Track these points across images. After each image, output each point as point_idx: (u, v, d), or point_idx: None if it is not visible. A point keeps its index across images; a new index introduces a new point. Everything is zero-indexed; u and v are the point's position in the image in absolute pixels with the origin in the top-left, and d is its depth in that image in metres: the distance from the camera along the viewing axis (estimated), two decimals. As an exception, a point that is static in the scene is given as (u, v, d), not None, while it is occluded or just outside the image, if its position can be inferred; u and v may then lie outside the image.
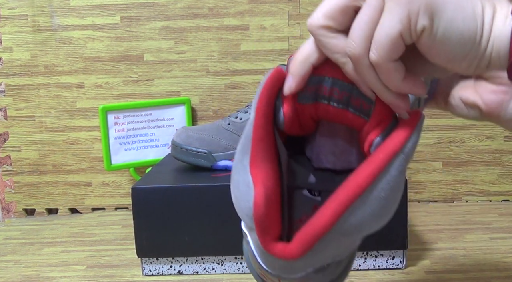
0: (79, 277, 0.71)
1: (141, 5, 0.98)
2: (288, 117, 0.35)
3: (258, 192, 0.32)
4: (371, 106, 0.33)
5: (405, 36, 0.29)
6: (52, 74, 1.00)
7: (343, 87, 0.33)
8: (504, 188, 1.00)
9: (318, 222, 0.31)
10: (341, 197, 0.31)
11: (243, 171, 0.34)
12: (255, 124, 0.34)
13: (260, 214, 0.32)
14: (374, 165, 0.31)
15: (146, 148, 0.98)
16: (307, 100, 0.35)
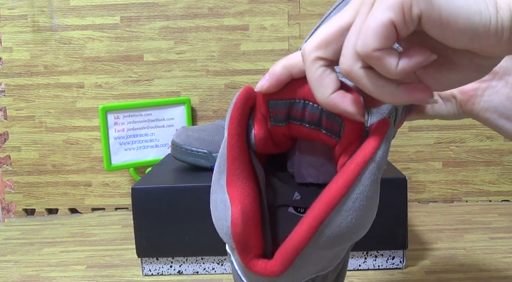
0: (79, 277, 0.71)
1: (141, 5, 0.98)
2: (259, 139, 0.35)
3: (235, 211, 0.32)
4: (340, 128, 0.33)
5: (399, 25, 0.26)
6: (52, 74, 1.00)
7: (314, 109, 0.33)
8: (504, 188, 1.00)
9: (295, 237, 0.31)
10: (315, 210, 0.31)
11: (220, 190, 0.34)
12: (229, 144, 0.34)
13: (239, 232, 0.32)
14: (346, 175, 0.31)
15: (146, 148, 0.98)
16: (279, 123, 0.35)
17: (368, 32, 0.26)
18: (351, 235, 0.31)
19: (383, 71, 0.28)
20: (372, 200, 0.32)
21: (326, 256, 0.33)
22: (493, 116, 0.42)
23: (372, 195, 0.31)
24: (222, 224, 0.33)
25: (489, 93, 0.42)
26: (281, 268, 0.31)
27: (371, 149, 0.31)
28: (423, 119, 0.48)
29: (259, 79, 0.99)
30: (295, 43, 0.98)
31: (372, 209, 0.32)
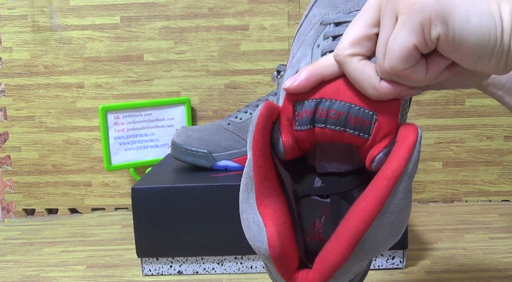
0: (79, 277, 0.71)
1: (141, 5, 0.98)
2: (288, 147, 0.35)
3: (270, 233, 0.32)
4: (371, 123, 0.33)
5: (421, 47, 0.30)
6: (52, 74, 1.00)
7: (340, 107, 0.33)
8: (504, 188, 1.00)
9: (334, 254, 0.31)
10: (352, 229, 0.31)
11: (251, 210, 0.34)
12: (255, 165, 0.34)
13: (277, 254, 0.32)
14: (379, 192, 0.30)
15: (146, 148, 0.98)
16: (304, 126, 0.34)
17: (394, 55, 0.30)
18: (386, 245, 0.32)
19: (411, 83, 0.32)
20: (406, 211, 0.32)
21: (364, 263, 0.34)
22: (500, 93, 0.44)
23: (405, 206, 0.32)
24: (259, 246, 0.33)
25: None
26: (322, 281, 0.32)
27: (402, 162, 0.30)
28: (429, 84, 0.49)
29: (260, 79, 0.99)
30: (295, 43, 0.98)
31: (405, 218, 0.32)
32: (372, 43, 0.33)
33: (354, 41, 0.32)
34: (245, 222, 0.35)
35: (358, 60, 0.32)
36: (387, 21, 0.31)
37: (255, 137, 0.34)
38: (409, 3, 0.30)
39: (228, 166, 0.75)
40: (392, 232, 0.32)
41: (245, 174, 0.35)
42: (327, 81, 0.34)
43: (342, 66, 0.33)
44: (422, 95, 0.98)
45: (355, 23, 0.33)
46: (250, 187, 0.34)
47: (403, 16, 0.30)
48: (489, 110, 0.98)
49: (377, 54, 0.32)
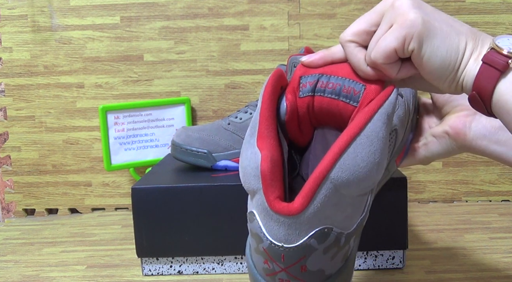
0: (79, 277, 0.71)
1: (141, 5, 0.98)
2: (290, 105, 0.42)
3: (265, 154, 0.37)
4: (360, 92, 0.40)
5: (399, 52, 0.39)
6: (52, 74, 1.00)
7: (337, 80, 0.41)
8: (504, 188, 1.00)
9: (315, 171, 0.35)
10: (333, 148, 0.36)
11: (250, 147, 0.39)
12: (262, 107, 0.39)
13: (266, 169, 0.36)
14: (359, 118, 0.37)
15: (146, 148, 0.98)
16: (306, 93, 0.42)
17: (379, 50, 0.39)
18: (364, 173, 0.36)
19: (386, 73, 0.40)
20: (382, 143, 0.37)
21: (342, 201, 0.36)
22: (484, 143, 0.51)
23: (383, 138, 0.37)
24: (251, 168, 0.37)
25: (476, 125, 0.51)
26: (302, 202, 0.35)
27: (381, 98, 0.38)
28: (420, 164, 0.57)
29: (260, 79, 0.99)
30: (295, 43, 0.98)
31: (383, 155, 0.37)
32: (369, 37, 0.41)
33: (356, 32, 0.41)
34: (243, 157, 0.39)
35: (354, 46, 0.41)
36: (384, 24, 0.40)
37: (266, 86, 0.40)
38: (403, 18, 0.38)
39: (228, 166, 0.75)
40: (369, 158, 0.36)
41: (252, 120, 0.40)
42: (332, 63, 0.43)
43: (343, 48, 0.42)
44: (423, 95, 0.98)
45: (362, 19, 0.41)
46: (253, 130, 0.39)
47: (395, 25, 0.38)
48: (489, 110, 0.98)
49: (369, 46, 0.40)
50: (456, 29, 0.39)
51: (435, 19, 0.38)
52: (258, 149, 0.38)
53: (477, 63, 0.38)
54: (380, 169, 0.38)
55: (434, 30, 0.38)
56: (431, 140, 0.54)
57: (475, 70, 0.38)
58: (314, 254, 0.36)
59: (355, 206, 0.38)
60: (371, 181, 0.37)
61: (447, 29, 0.38)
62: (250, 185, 0.37)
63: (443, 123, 0.54)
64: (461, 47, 0.38)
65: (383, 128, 0.37)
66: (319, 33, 0.98)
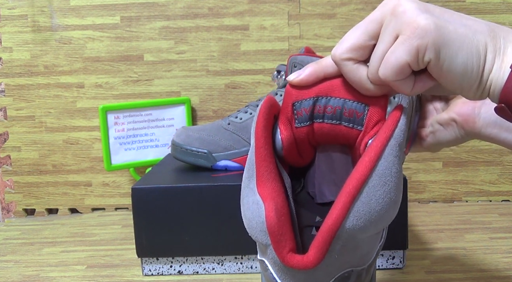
0: (79, 277, 0.71)
1: (141, 5, 0.98)
2: (286, 141, 0.38)
3: (268, 205, 0.33)
4: (363, 114, 0.36)
5: (413, 65, 0.34)
6: (52, 74, 1.00)
7: (336, 103, 0.37)
8: (504, 188, 1.00)
9: (328, 221, 0.32)
10: (347, 188, 0.32)
11: (251, 193, 0.35)
12: (256, 146, 0.36)
13: (273, 224, 0.33)
14: (370, 153, 0.33)
15: (146, 147, 0.98)
16: (304, 123, 0.38)
17: (388, 66, 0.34)
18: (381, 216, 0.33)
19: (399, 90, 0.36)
20: (397, 177, 0.34)
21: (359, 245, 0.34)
22: (495, 131, 0.47)
23: (396, 173, 0.34)
24: (256, 222, 0.34)
25: (485, 110, 0.47)
26: (317, 257, 0.32)
27: (389, 128, 0.34)
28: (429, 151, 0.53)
29: (260, 79, 0.99)
30: (295, 43, 0.98)
31: (398, 186, 0.34)
32: (367, 52, 0.36)
33: (352, 47, 0.36)
34: (245, 206, 0.36)
35: (352, 64, 0.36)
36: (387, 36, 0.35)
37: (258, 121, 0.36)
38: (412, 27, 0.33)
39: (228, 166, 0.75)
40: (385, 198, 0.33)
41: (248, 161, 0.37)
42: (323, 80, 0.37)
43: (338, 67, 0.37)
44: (422, 95, 0.98)
45: (357, 30, 0.36)
46: (251, 172, 0.36)
47: (404, 36, 0.34)
48: (489, 110, 0.98)
49: (371, 62, 0.36)
50: (472, 28, 0.34)
51: (448, 22, 0.34)
52: (260, 197, 0.34)
53: (504, 70, 0.34)
54: (397, 206, 0.34)
55: (449, 35, 0.33)
56: (438, 128, 0.51)
57: (503, 78, 0.34)
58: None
59: (373, 241, 0.36)
60: (388, 220, 0.34)
61: (463, 30, 0.34)
62: (258, 238, 0.34)
63: (449, 109, 0.50)
64: (482, 51, 0.34)
65: (396, 162, 0.34)
66: (319, 33, 0.98)
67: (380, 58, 0.35)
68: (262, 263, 0.36)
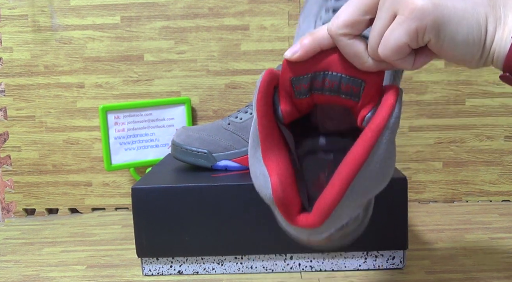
0: (79, 277, 0.71)
1: (141, 5, 0.98)
2: (286, 113, 0.40)
3: (274, 180, 0.38)
4: (360, 89, 0.38)
5: (412, 45, 0.34)
6: (52, 74, 1.00)
7: (333, 78, 0.38)
8: (504, 188, 1.00)
9: (329, 195, 0.36)
10: (343, 174, 0.36)
11: (258, 163, 0.39)
12: (259, 125, 0.39)
13: (279, 197, 0.37)
14: (366, 142, 0.36)
15: (146, 147, 0.98)
16: (303, 95, 0.40)
17: (388, 48, 0.35)
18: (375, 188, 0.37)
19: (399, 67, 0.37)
20: (390, 158, 0.37)
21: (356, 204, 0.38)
22: None
23: (389, 156, 0.37)
24: (264, 193, 0.39)
25: None
26: (319, 221, 0.37)
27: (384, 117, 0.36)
28: None
29: (259, 79, 0.99)
30: (295, 43, 0.98)
31: (391, 165, 0.38)
32: (363, 26, 0.36)
33: (347, 23, 0.36)
34: (253, 174, 0.40)
35: (348, 39, 0.36)
36: (384, 13, 0.35)
37: (258, 100, 0.39)
38: (409, 8, 0.33)
39: (228, 166, 0.75)
40: (378, 178, 0.37)
41: (252, 133, 0.40)
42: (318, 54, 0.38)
43: (335, 41, 0.37)
44: (422, 95, 0.98)
45: (351, 5, 0.36)
46: (256, 144, 0.39)
47: (402, 17, 0.33)
48: (489, 110, 0.98)
49: (371, 39, 0.36)
50: (471, 1, 0.34)
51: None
52: (266, 169, 0.38)
53: (506, 39, 0.34)
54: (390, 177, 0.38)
55: (448, 12, 0.33)
56: None
57: (505, 48, 0.34)
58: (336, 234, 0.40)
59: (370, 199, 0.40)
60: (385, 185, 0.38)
61: (462, 5, 0.33)
62: (268, 203, 0.39)
63: None
64: (482, 23, 0.34)
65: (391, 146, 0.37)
66: (319, 33, 0.98)
67: (379, 35, 0.35)
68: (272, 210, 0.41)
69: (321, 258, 0.69)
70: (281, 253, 0.69)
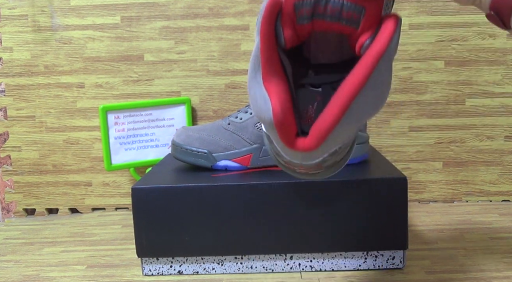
0: (79, 277, 0.71)
1: (141, 5, 0.98)
2: (289, 39, 0.41)
3: (275, 103, 0.38)
4: (360, 16, 0.40)
5: None
6: (52, 74, 1.00)
7: (335, 4, 0.40)
8: (504, 188, 1.00)
9: (327, 118, 0.37)
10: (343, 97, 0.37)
11: (258, 86, 0.40)
12: (262, 46, 0.40)
13: (280, 120, 0.38)
14: (365, 66, 0.37)
15: (146, 147, 0.98)
16: (305, 20, 0.41)
17: None
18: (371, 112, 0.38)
19: None
20: (386, 86, 0.39)
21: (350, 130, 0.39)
22: None
23: (386, 81, 0.38)
24: (264, 115, 0.39)
25: None
26: (316, 144, 0.38)
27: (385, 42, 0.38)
28: None
29: (259, 79, 0.99)
30: (295, 43, 0.98)
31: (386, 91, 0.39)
32: None
33: None
34: (253, 97, 0.41)
35: None
36: None
37: (263, 22, 0.40)
38: None
39: (228, 166, 0.75)
40: (375, 103, 0.38)
41: (253, 56, 0.40)
42: None
43: None
44: (422, 95, 0.98)
45: None
46: (257, 67, 0.40)
47: None
48: (489, 110, 0.98)
49: None
50: None
51: None
52: (266, 91, 0.39)
53: None
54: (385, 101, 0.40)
55: None
56: None
57: None
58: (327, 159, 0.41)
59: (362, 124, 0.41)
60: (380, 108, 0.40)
61: None
62: (266, 127, 0.40)
63: None
64: None
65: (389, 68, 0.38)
66: (319, 33, 0.98)
67: None
68: (268, 137, 0.43)
69: (321, 258, 0.69)
70: (281, 253, 0.69)
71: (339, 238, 0.68)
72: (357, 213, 0.67)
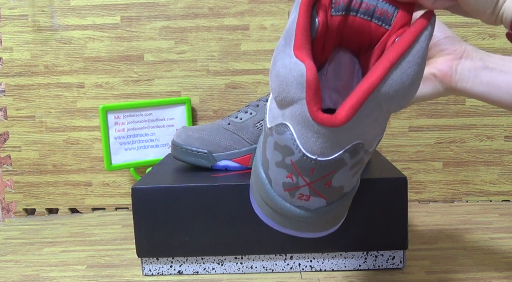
0: (79, 277, 0.71)
1: (141, 5, 0.98)
2: (322, 25, 0.41)
3: (309, 64, 0.36)
4: (393, 15, 0.41)
5: None
6: (52, 74, 1.00)
7: (371, 0, 0.41)
8: (504, 188, 1.00)
9: (363, 84, 0.36)
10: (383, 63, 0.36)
11: (287, 57, 0.38)
12: (300, 16, 0.39)
13: (312, 79, 0.36)
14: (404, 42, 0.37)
15: (146, 147, 0.98)
16: (339, 12, 0.41)
17: None
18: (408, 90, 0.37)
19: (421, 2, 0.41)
20: (423, 64, 0.38)
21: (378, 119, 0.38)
22: (469, 85, 0.53)
23: (424, 59, 0.38)
24: (293, 76, 0.36)
25: (461, 68, 0.54)
26: (346, 117, 0.35)
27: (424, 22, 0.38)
28: None
29: (260, 79, 0.99)
30: (295, 43, 0.98)
31: (421, 74, 0.38)
32: None
33: None
34: (279, 66, 0.38)
35: None
36: None
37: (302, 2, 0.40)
38: None
39: (228, 166, 0.75)
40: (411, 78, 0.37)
41: (286, 30, 0.39)
42: None
43: None
44: (422, 95, 0.98)
45: None
46: (288, 40, 0.39)
47: None
48: (489, 110, 0.98)
49: None
50: None
51: None
52: (298, 59, 0.37)
53: None
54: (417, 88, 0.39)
55: None
56: None
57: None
58: (343, 169, 0.38)
59: (382, 125, 0.40)
60: (410, 98, 0.38)
61: None
62: (289, 94, 0.37)
63: (430, 65, 0.56)
64: None
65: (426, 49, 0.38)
66: (319, 33, 0.98)
67: None
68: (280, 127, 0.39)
69: (321, 258, 0.69)
70: (281, 253, 0.69)
71: (339, 238, 0.68)
72: (357, 213, 0.67)
